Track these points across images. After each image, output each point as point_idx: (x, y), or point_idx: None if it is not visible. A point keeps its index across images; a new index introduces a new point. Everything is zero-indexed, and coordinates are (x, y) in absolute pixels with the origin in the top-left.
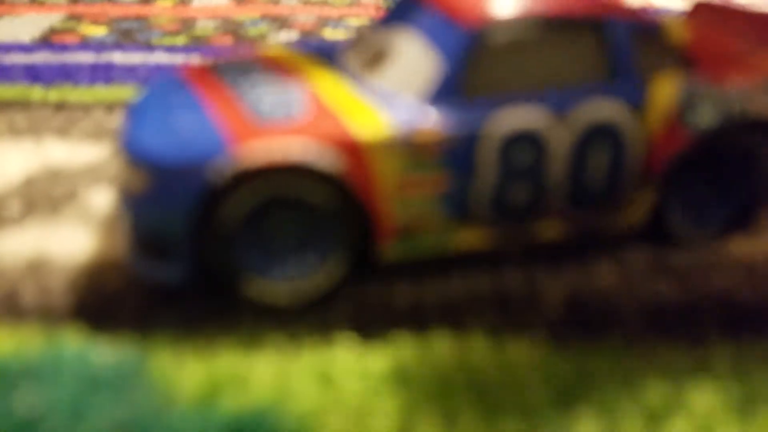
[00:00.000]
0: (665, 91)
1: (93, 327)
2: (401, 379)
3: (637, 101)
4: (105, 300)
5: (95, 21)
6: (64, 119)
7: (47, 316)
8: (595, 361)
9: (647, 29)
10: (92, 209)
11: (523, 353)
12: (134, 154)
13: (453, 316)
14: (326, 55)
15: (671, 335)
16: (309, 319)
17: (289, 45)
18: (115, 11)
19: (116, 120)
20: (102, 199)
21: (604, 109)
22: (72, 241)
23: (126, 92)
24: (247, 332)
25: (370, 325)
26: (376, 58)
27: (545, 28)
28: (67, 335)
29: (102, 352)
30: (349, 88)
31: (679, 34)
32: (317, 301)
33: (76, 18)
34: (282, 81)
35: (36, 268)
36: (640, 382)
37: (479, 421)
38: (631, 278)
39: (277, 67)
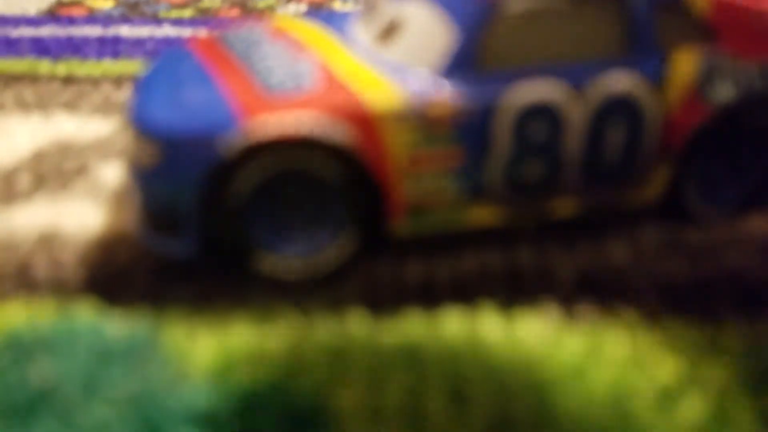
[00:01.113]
0: (685, 65)
1: (105, 300)
2: (412, 354)
3: (656, 75)
4: (117, 273)
5: None
6: (72, 93)
7: (60, 289)
8: (608, 338)
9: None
10: (102, 183)
11: (535, 330)
12: (144, 127)
13: (464, 293)
14: (337, 26)
15: (684, 312)
16: (321, 294)
17: (298, 16)
18: None
19: (124, 94)
20: (112, 172)
21: (622, 82)
22: (82, 214)
23: (133, 66)
24: (260, 307)
25: (382, 300)
26: (388, 30)
27: None
28: (80, 308)
29: (115, 325)
30: (361, 59)
31: (702, 4)
32: (329, 277)
33: None
34: (292, 53)
35: (47, 241)
36: (652, 359)
37: (489, 396)
38: (643, 255)
39: (286, 38)
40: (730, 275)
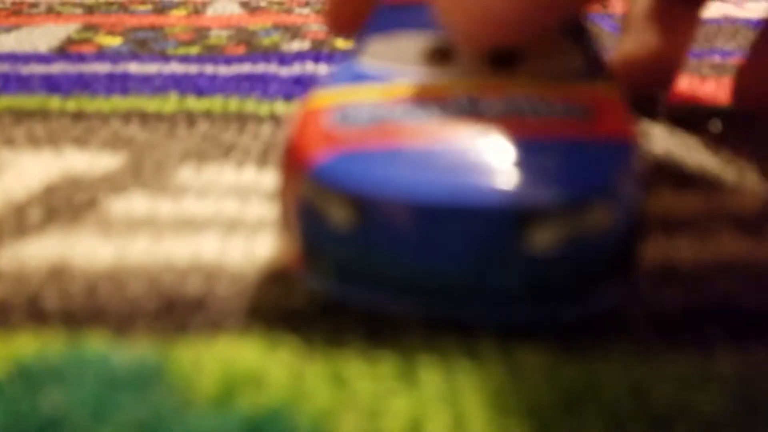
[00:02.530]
0: None
1: (114, 330)
2: (411, 380)
3: None
4: (126, 304)
5: (111, 31)
6: (82, 129)
7: (69, 320)
8: (603, 367)
9: None
10: (112, 216)
11: (530, 357)
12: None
13: (468, 331)
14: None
15: (677, 340)
16: (322, 320)
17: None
18: (130, 21)
19: (132, 129)
20: (121, 206)
21: None
22: (93, 247)
23: (142, 102)
24: (262, 334)
25: (381, 326)
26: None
27: None
28: (88, 338)
29: (123, 355)
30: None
31: None
32: (329, 303)
33: (92, 28)
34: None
35: (58, 273)
36: (646, 387)
37: (487, 423)
38: (637, 282)
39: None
40: (723, 303)
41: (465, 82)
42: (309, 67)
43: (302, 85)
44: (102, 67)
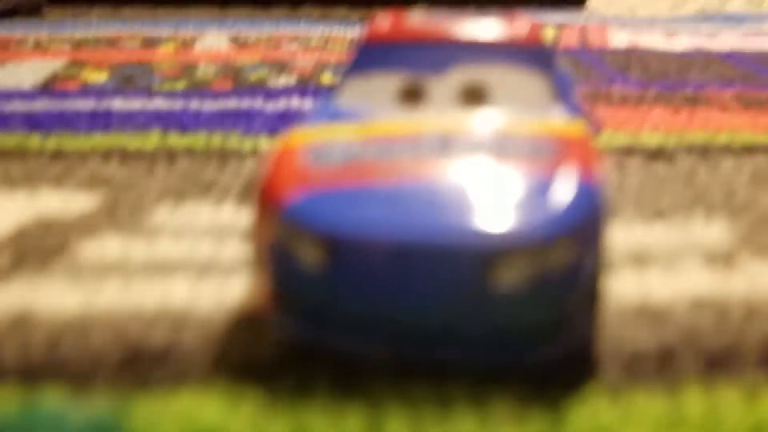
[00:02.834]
0: None
1: (74, 385)
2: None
3: None
4: (88, 357)
5: (98, 67)
6: (60, 168)
7: (27, 374)
8: (573, 411)
9: None
10: (82, 260)
11: (499, 404)
12: None
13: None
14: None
15: (647, 380)
16: (289, 369)
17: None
18: (117, 57)
19: (111, 168)
20: (92, 250)
21: None
22: (60, 294)
23: (123, 140)
24: (227, 386)
25: (350, 373)
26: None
27: None
28: (45, 395)
29: (79, 413)
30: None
31: None
32: (298, 350)
33: (78, 64)
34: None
35: (20, 324)
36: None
37: None
38: (606, 319)
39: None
40: (692, 340)
41: (436, 120)
42: (295, 103)
43: (287, 120)
44: (85, 104)
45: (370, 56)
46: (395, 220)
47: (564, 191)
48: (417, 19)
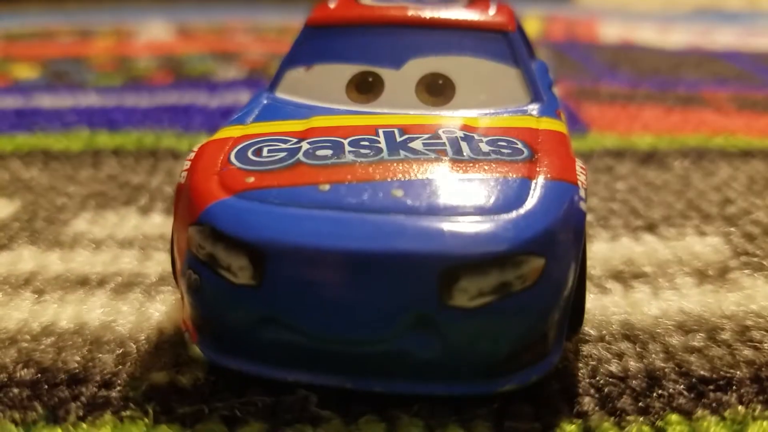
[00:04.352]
0: None
1: None
2: None
3: None
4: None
5: (29, 62)
6: None
7: None
8: None
9: None
10: None
11: None
12: None
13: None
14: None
15: (624, 411)
16: (212, 400)
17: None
18: (52, 51)
19: (33, 171)
20: (6, 263)
21: None
22: None
23: (47, 140)
24: (138, 422)
25: (281, 408)
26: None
27: None
28: None
29: None
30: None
31: None
32: (223, 378)
33: (10, 60)
34: None
35: None
36: None
37: None
38: (584, 355)
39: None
40: (677, 366)
41: (387, 117)
42: (243, 97)
43: (229, 116)
44: (12, 102)
45: (314, 43)
46: (336, 224)
47: (533, 195)
48: (370, 1)
